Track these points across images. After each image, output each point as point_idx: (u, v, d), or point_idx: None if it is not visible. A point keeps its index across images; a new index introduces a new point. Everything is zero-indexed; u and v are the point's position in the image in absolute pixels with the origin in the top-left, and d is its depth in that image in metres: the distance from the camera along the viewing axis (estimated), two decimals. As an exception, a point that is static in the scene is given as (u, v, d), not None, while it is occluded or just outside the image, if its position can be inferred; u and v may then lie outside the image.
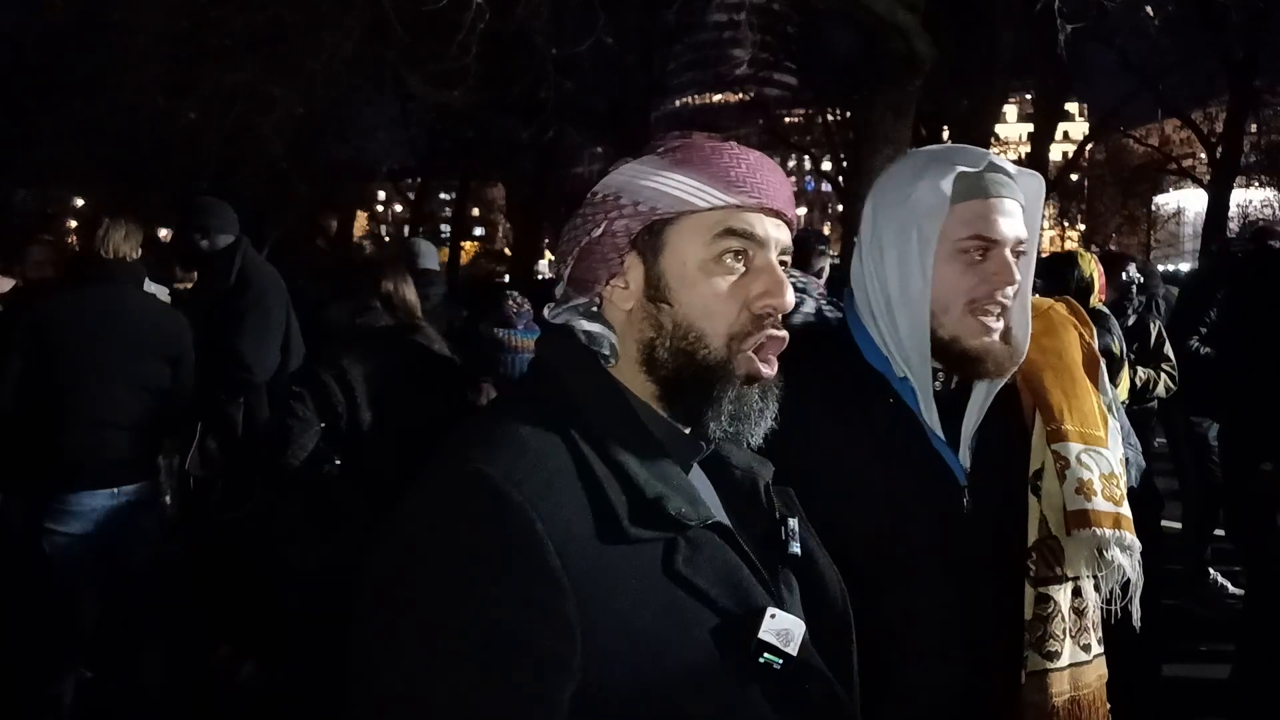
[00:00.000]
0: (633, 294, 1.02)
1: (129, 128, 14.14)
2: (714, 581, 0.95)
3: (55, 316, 3.19)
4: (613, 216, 1.02)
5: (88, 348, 3.13)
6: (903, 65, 7.16)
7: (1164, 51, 18.91)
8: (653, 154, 1.04)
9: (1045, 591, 1.37)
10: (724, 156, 1.02)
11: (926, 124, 18.08)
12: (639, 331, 1.02)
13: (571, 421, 0.97)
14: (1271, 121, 25.21)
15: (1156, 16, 7.79)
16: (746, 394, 1.01)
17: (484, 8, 7.75)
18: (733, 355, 1.01)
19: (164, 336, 3.31)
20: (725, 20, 19.35)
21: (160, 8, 10.01)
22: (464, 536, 0.88)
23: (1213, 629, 4.61)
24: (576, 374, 1.01)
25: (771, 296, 1.01)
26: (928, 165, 1.39)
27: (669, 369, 1.01)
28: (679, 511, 0.95)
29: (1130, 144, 30.03)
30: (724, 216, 1.01)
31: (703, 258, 1.01)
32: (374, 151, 25.16)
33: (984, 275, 1.35)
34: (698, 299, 1.00)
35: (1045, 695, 1.36)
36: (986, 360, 1.36)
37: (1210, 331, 4.85)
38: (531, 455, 0.93)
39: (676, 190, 1.01)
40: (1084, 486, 1.37)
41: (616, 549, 0.91)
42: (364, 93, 17.73)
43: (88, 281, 3.25)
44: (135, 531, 3.20)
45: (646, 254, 1.02)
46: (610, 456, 0.96)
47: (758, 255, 1.02)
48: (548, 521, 0.88)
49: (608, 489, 0.93)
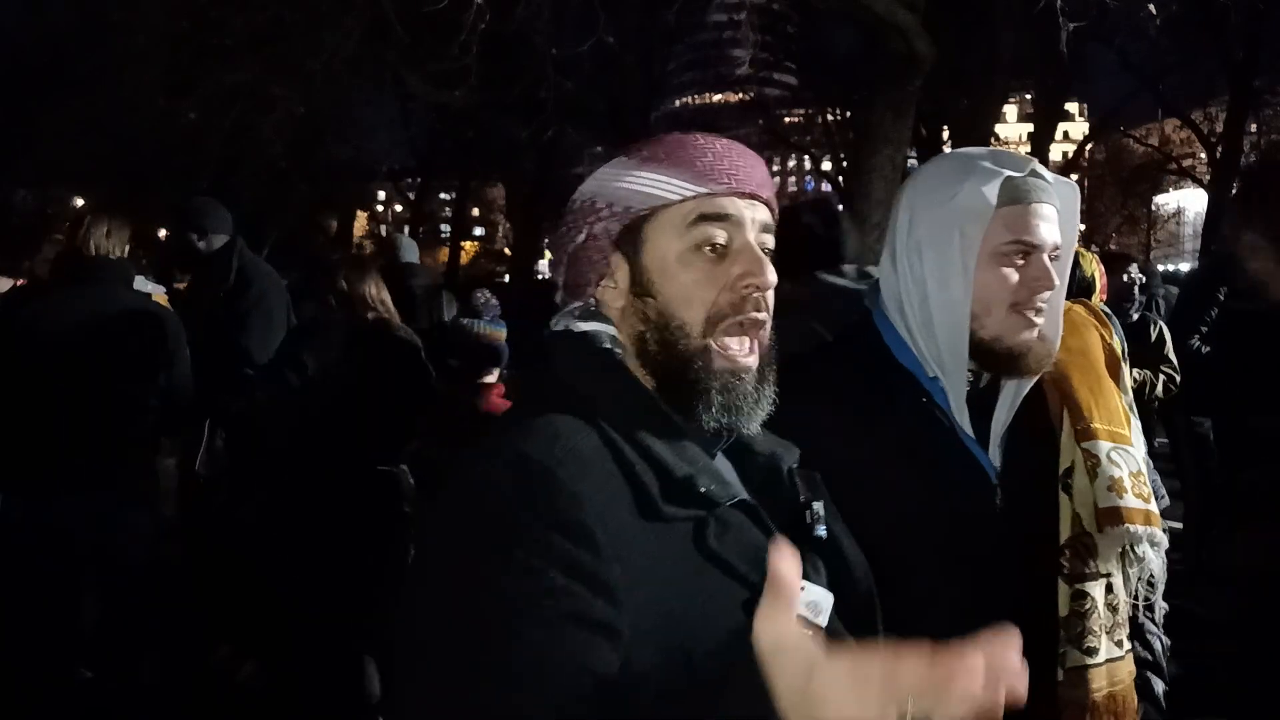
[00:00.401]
0: (621, 292, 1.07)
1: (129, 128, 14.14)
2: (743, 558, 0.97)
3: (40, 317, 3.18)
4: (591, 221, 1.07)
5: (72, 347, 3.11)
6: (903, 65, 7.16)
7: (1164, 51, 18.91)
8: (623, 156, 1.09)
9: (1081, 588, 1.39)
10: (688, 148, 1.06)
11: (926, 124, 18.11)
12: (631, 326, 1.06)
13: (594, 411, 0.99)
14: (1271, 121, 25.21)
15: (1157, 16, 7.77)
16: (736, 385, 1.03)
17: (484, 8, 7.75)
18: (711, 345, 1.03)
19: (152, 335, 3.27)
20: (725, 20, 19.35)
21: (160, 8, 10.00)
22: (513, 513, 0.90)
23: (1213, 629, 4.61)
24: (589, 368, 1.04)
25: (752, 275, 1.04)
26: (970, 168, 1.39)
27: (658, 360, 1.04)
28: (708, 490, 0.97)
29: (1130, 144, 30.02)
30: (696, 204, 1.04)
31: (680, 248, 1.04)
32: (374, 151, 25.17)
33: (1025, 280, 1.37)
34: (678, 288, 1.04)
35: (1085, 691, 1.37)
36: (1029, 357, 1.38)
37: (1210, 331, 4.84)
38: (566, 439, 0.95)
39: (647, 187, 1.05)
40: (1115, 484, 1.40)
41: (652, 528, 0.94)
42: (364, 93, 17.73)
43: (72, 281, 3.23)
44: (129, 532, 3.19)
45: (629, 252, 1.06)
46: (636, 441, 0.98)
47: (735, 237, 1.05)
48: (590, 499, 0.91)
49: (639, 471, 0.96)
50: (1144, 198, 32.00)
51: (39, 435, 3.09)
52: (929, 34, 7.14)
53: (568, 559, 0.87)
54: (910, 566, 1.35)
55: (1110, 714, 1.38)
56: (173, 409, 3.35)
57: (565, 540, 0.88)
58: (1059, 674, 1.38)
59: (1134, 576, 1.42)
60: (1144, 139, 29.27)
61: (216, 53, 10.20)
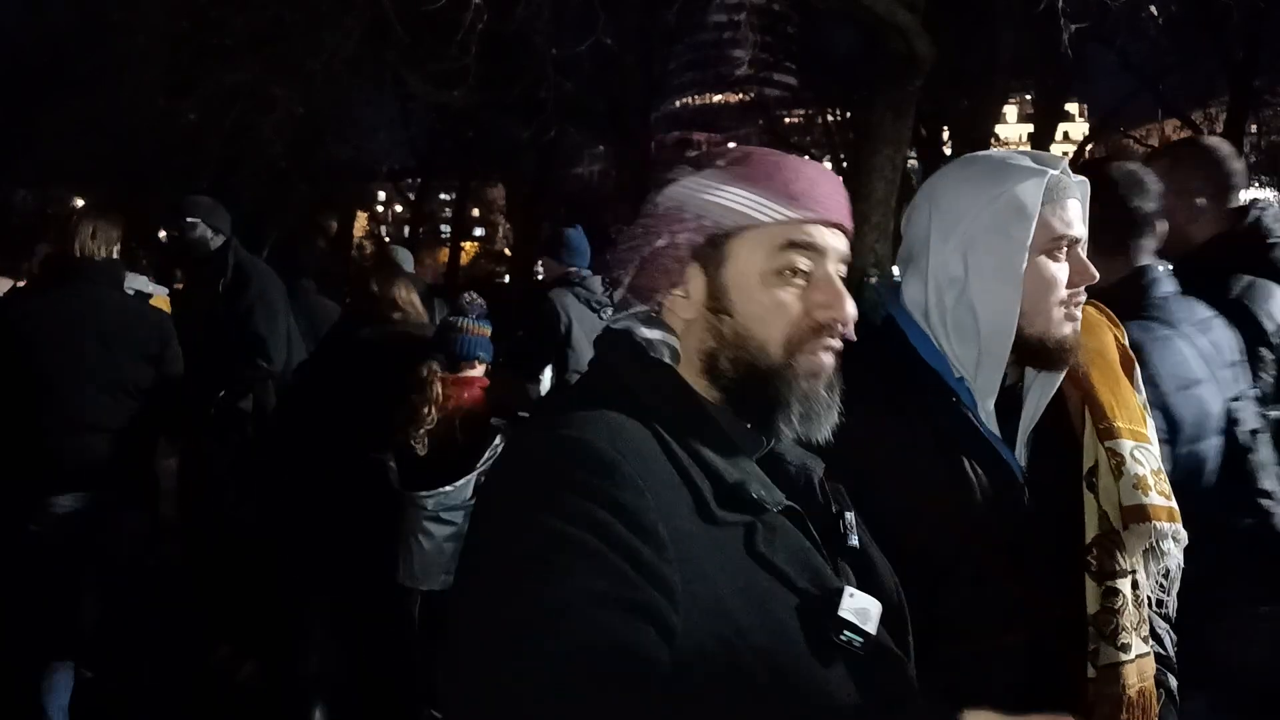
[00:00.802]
0: (693, 303, 1.06)
1: (129, 128, 14.12)
2: (791, 562, 0.98)
3: (27, 318, 3.17)
4: (675, 229, 1.06)
5: (60, 349, 3.10)
6: (903, 65, 7.16)
7: (1164, 51, 18.89)
8: (713, 167, 1.07)
9: (1112, 585, 1.40)
10: (785, 171, 1.06)
11: (926, 124, 18.10)
12: (700, 340, 1.06)
13: (647, 414, 1.00)
14: (1271, 121, 25.20)
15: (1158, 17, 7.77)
16: (812, 394, 1.05)
17: (484, 8, 7.75)
18: (792, 360, 1.04)
19: (141, 336, 3.26)
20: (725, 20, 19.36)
21: (160, 8, 10.00)
22: (575, 498, 0.89)
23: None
24: (643, 373, 1.05)
25: (832, 308, 1.05)
26: (1010, 169, 1.41)
27: (731, 377, 1.05)
28: (759, 495, 0.99)
29: (1130, 144, 30.01)
30: (785, 230, 1.04)
31: (764, 270, 1.04)
32: (374, 151, 25.11)
33: (1069, 273, 1.42)
34: (758, 310, 1.04)
35: (1119, 687, 1.38)
36: (1073, 350, 1.42)
37: None
38: (626, 434, 0.96)
39: (740, 205, 1.04)
40: (1140, 482, 1.41)
41: (706, 530, 0.95)
42: (364, 93, 17.71)
43: (59, 282, 3.23)
44: (122, 533, 3.19)
45: (708, 266, 1.06)
46: (688, 445, 0.99)
47: (818, 267, 1.06)
48: (654, 496, 0.91)
49: (693, 474, 0.97)
50: (1144, 198, 31.95)
51: (34, 436, 3.09)
52: (929, 34, 7.14)
53: (629, 548, 0.87)
54: (941, 565, 1.38)
55: (1141, 710, 1.39)
56: (167, 408, 3.35)
57: (628, 530, 0.87)
58: (1091, 671, 1.39)
59: (1153, 573, 1.44)
60: (1144, 139, 29.26)
61: (216, 53, 10.20)
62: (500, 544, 0.90)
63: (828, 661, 0.95)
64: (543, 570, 0.85)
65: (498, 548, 0.91)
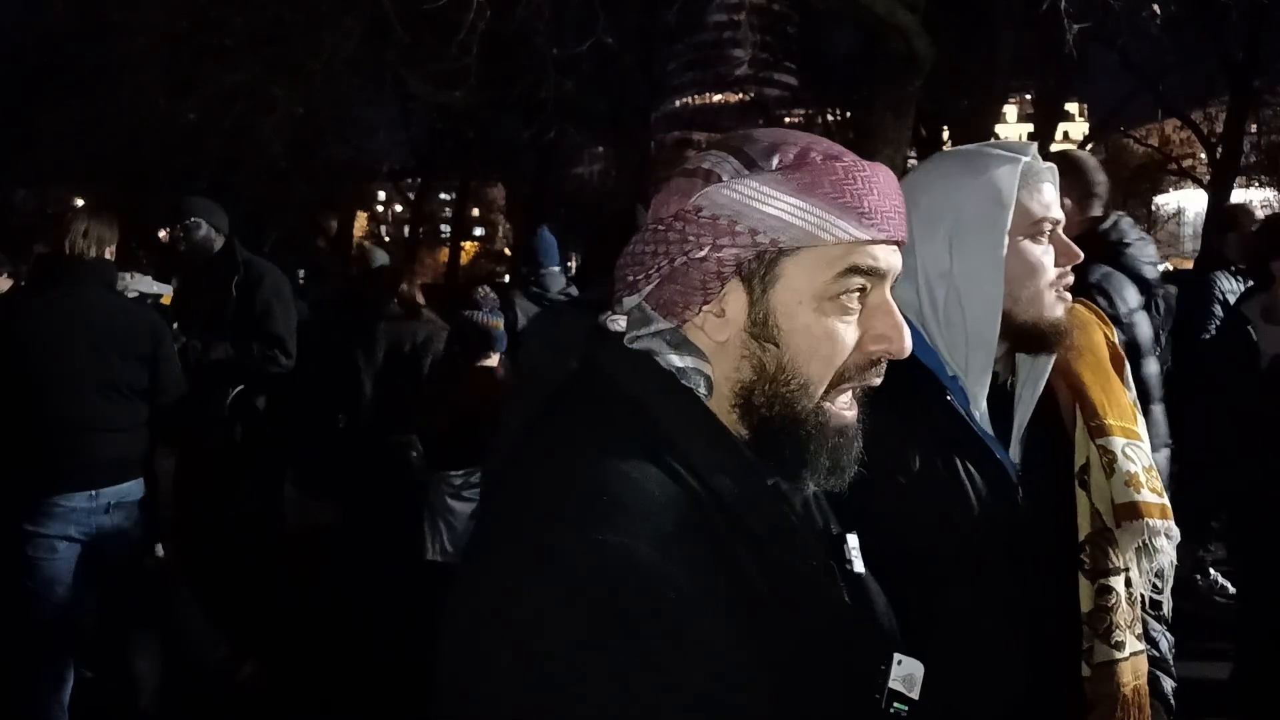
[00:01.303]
0: (730, 325, 0.91)
1: (129, 128, 14.12)
2: (833, 628, 0.90)
3: (19, 318, 3.17)
4: (724, 242, 0.89)
5: (50, 350, 3.09)
6: (903, 65, 7.16)
7: (1164, 51, 18.91)
8: (771, 171, 0.91)
9: (1105, 583, 1.40)
10: (856, 183, 0.90)
11: (926, 124, 18.10)
12: (734, 369, 0.92)
13: (681, 465, 0.86)
14: (1271, 121, 25.18)
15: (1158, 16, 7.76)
16: (842, 446, 0.93)
17: (484, 8, 7.75)
18: (826, 406, 0.92)
19: (133, 336, 3.24)
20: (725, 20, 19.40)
21: (160, 8, 10.00)
22: (627, 640, 0.75)
23: (1213, 629, 4.61)
24: (676, 411, 0.90)
25: (889, 341, 0.94)
26: (982, 160, 1.43)
27: (764, 415, 0.91)
28: (802, 562, 0.90)
29: (1130, 144, 30.02)
30: (850, 251, 0.90)
31: (820, 295, 0.90)
32: (374, 151, 25.17)
33: (1056, 255, 1.43)
34: (808, 340, 0.90)
35: (1115, 685, 1.38)
36: (1067, 332, 1.43)
37: None
38: (662, 511, 0.81)
39: (803, 222, 0.89)
40: (1132, 479, 1.42)
41: (752, 608, 0.84)
42: (364, 93, 17.71)
43: (51, 283, 3.22)
44: (117, 533, 3.18)
45: (754, 284, 0.90)
46: (726, 507, 0.87)
47: (876, 290, 0.93)
48: (704, 592, 0.79)
49: (737, 551, 0.85)
50: (1144, 198, 31.99)
51: (29, 436, 3.08)
52: (929, 34, 7.14)
53: (695, 675, 0.76)
54: (938, 566, 1.38)
55: (1137, 707, 1.40)
56: (163, 408, 3.34)
57: (692, 669, 0.76)
58: (1086, 670, 1.40)
59: (1145, 571, 1.44)
60: (1144, 139, 29.27)
61: (216, 53, 10.20)
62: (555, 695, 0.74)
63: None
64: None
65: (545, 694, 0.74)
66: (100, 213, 3.38)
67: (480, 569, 0.82)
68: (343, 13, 9.68)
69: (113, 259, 3.34)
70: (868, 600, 1.01)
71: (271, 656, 3.85)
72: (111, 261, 3.34)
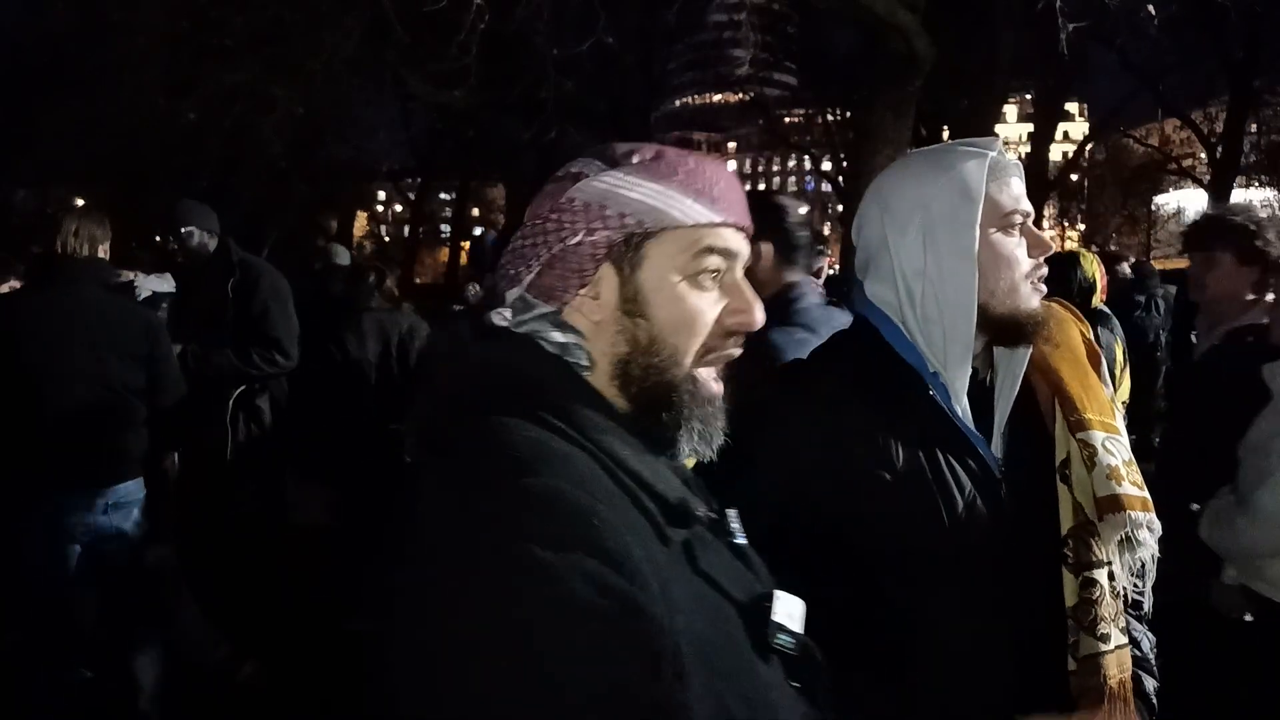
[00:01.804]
0: (604, 305, 1.01)
1: (129, 128, 14.12)
2: (725, 574, 0.98)
3: (13, 319, 3.16)
4: (594, 226, 1.00)
5: (47, 350, 3.09)
6: (903, 65, 7.16)
7: (1164, 51, 18.92)
8: (629, 163, 1.02)
9: (1089, 576, 1.41)
10: (705, 173, 1.02)
11: (926, 124, 18.09)
12: (610, 345, 1.01)
13: (574, 429, 0.94)
14: (1271, 121, 25.19)
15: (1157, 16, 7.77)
16: (713, 415, 1.02)
17: (484, 8, 7.76)
18: (696, 375, 1.02)
19: (128, 336, 3.23)
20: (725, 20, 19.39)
21: (160, 8, 10.01)
22: (567, 554, 0.80)
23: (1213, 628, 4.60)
24: (561, 383, 0.99)
25: (744, 314, 1.04)
26: (949, 157, 1.45)
27: (641, 385, 1.00)
28: (698, 511, 0.97)
29: (1130, 144, 30.04)
30: (704, 233, 1.01)
31: (682, 273, 1.01)
32: (374, 151, 25.14)
33: (1029, 247, 1.45)
34: (675, 314, 1.01)
35: (1100, 678, 1.39)
36: (1043, 323, 1.44)
37: None
38: (578, 466, 0.90)
39: (663, 204, 1.00)
40: (1113, 472, 1.43)
41: (665, 553, 0.92)
42: (364, 93, 17.71)
43: (44, 283, 3.22)
44: (117, 533, 3.18)
45: (623, 266, 1.01)
46: (625, 464, 0.94)
47: (730, 271, 1.04)
48: (630, 534, 0.86)
49: (640, 496, 0.93)
50: (1144, 198, 31.99)
51: (26, 436, 3.08)
52: (929, 34, 7.14)
53: (629, 602, 0.81)
54: (931, 561, 1.39)
55: (1123, 700, 1.40)
56: (162, 408, 3.33)
57: (622, 579, 0.81)
58: (1071, 663, 1.40)
59: (1127, 564, 1.44)
60: (1144, 139, 29.28)
61: (216, 53, 10.21)
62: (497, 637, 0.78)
63: (771, 670, 0.96)
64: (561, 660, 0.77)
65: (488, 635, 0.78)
66: (90, 211, 3.37)
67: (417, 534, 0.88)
68: (343, 13, 9.69)
69: (107, 257, 3.33)
70: (747, 563, 1.07)
71: (271, 656, 3.85)
72: (106, 261, 3.33)
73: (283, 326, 4.11)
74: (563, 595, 0.78)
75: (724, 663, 0.90)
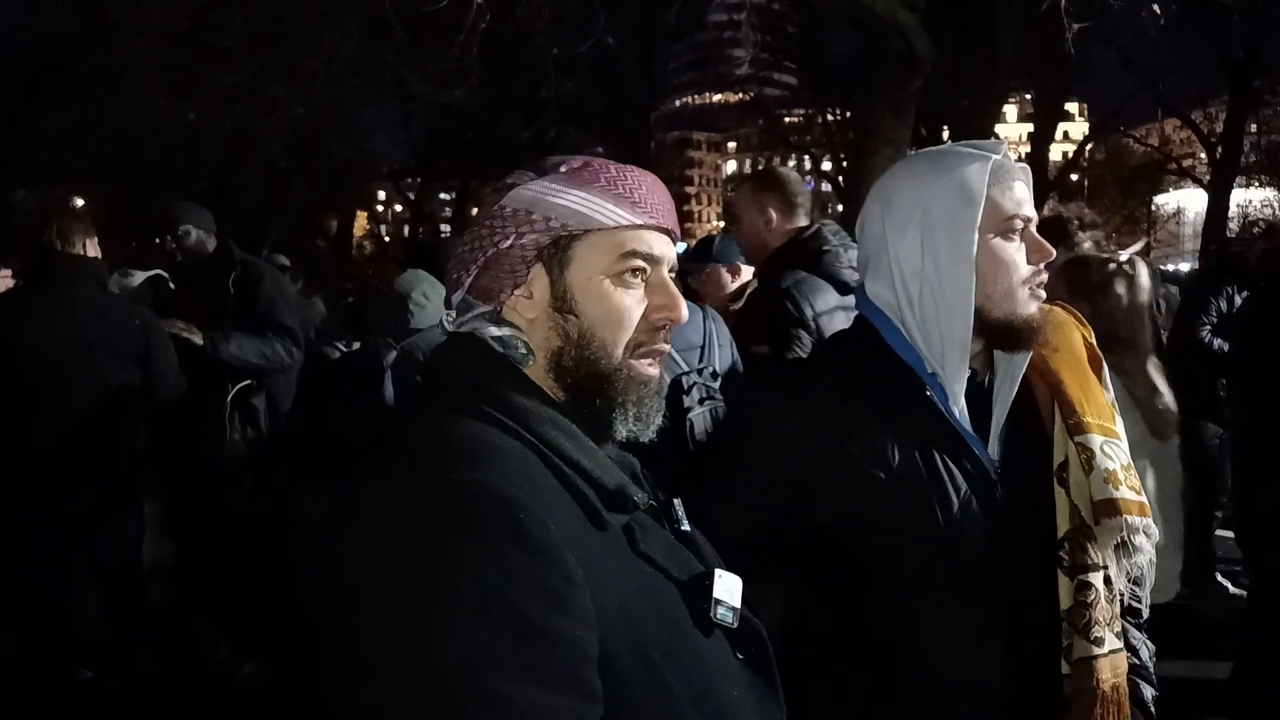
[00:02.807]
0: (537, 304, 1.09)
1: (129, 128, 14.13)
2: (664, 555, 1.05)
3: (5, 320, 3.16)
4: (523, 230, 1.08)
5: (41, 350, 3.10)
6: (903, 65, 7.16)
7: (1164, 51, 18.89)
8: (557, 172, 1.10)
9: (1085, 579, 1.41)
10: (628, 179, 1.10)
11: (926, 124, 18.10)
12: (545, 340, 1.09)
13: (514, 422, 1.01)
14: (1271, 121, 25.21)
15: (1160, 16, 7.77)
16: (645, 397, 1.09)
17: (484, 8, 7.76)
18: (629, 362, 1.09)
19: (123, 334, 3.24)
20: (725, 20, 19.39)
21: (160, 8, 10.00)
22: (487, 551, 0.87)
23: (1213, 628, 4.61)
24: (500, 377, 1.05)
25: (669, 310, 1.11)
26: (952, 159, 1.45)
27: (575, 375, 1.08)
28: (636, 497, 1.03)
29: (1130, 144, 30.06)
30: (627, 236, 1.09)
31: (606, 273, 1.08)
32: (374, 151, 25.15)
33: (1029, 252, 1.44)
34: (602, 310, 1.08)
35: (1093, 681, 1.39)
36: (1040, 329, 1.44)
37: (1219, 323, 4.85)
38: (511, 459, 0.96)
39: (586, 209, 1.07)
40: (1110, 476, 1.42)
41: (600, 539, 0.98)
42: (364, 93, 17.71)
43: (36, 283, 3.21)
44: (112, 532, 3.18)
45: (553, 267, 1.08)
46: (564, 453, 1.01)
47: (654, 271, 1.11)
48: (553, 521, 0.91)
49: (578, 483, 1.00)
50: (1144, 198, 32.02)
51: (24, 437, 3.08)
52: (929, 34, 7.14)
53: (552, 596, 0.87)
54: (918, 562, 1.40)
55: (1115, 705, 1.40)
56: (159, 406, 3.32)
57: (543, 568, 0.88)
58: (1065, 666, 1.40)
59: (1124, 570, 1.44)
60: (1144, 139, 29.31)
61: (216, 53, 10.20)
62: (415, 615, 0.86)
63: (713, 645, 1.03)
64: (471, 644, 0.84)
65: (408, 616, 0.86)
66: (76, 210, 3.38)
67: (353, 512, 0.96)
68: (343, 13, 9.68)
69: (98, 254, 3.33)
70: (695, 549, 1.15)
71: (271, 656, 3.85)
72: (98, 259, 3.34)
73: (292, 318, 4.13)
74: (480, 588, 0.85)
75: (661, 638, 0.97)
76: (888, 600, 1.40)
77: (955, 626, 1.38)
